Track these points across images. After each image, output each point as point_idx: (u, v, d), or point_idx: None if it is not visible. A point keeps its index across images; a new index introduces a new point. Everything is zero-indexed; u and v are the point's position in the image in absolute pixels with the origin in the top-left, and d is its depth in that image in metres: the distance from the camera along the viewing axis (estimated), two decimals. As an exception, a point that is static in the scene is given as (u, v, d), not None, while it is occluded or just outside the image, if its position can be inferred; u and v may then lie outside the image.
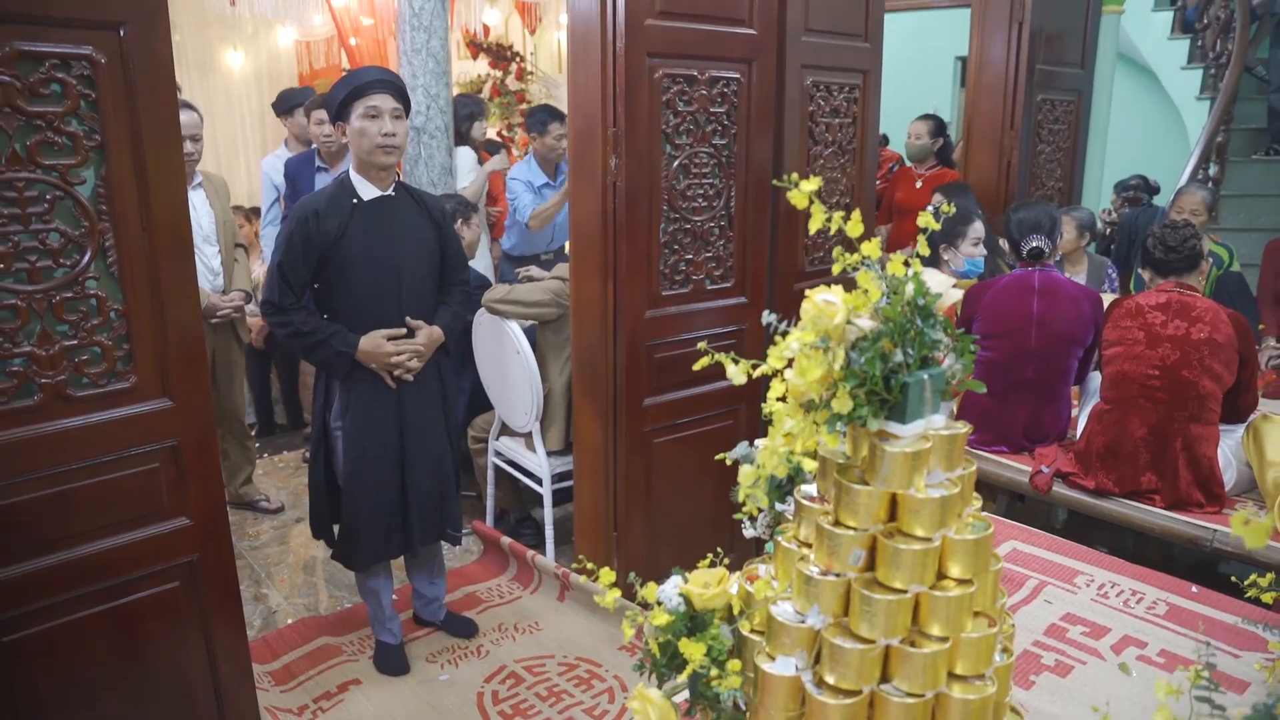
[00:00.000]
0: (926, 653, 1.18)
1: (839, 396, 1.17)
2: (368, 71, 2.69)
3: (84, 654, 2.05)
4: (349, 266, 2.65)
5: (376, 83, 2.63)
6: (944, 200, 4.11)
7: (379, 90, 2.62)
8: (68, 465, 1.94)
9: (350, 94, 2.62)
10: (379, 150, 2.61)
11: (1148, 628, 2.01)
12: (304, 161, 4.49)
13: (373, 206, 2.68)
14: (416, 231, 2.75)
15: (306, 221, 2.60)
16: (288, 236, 2.62)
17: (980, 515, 1.28)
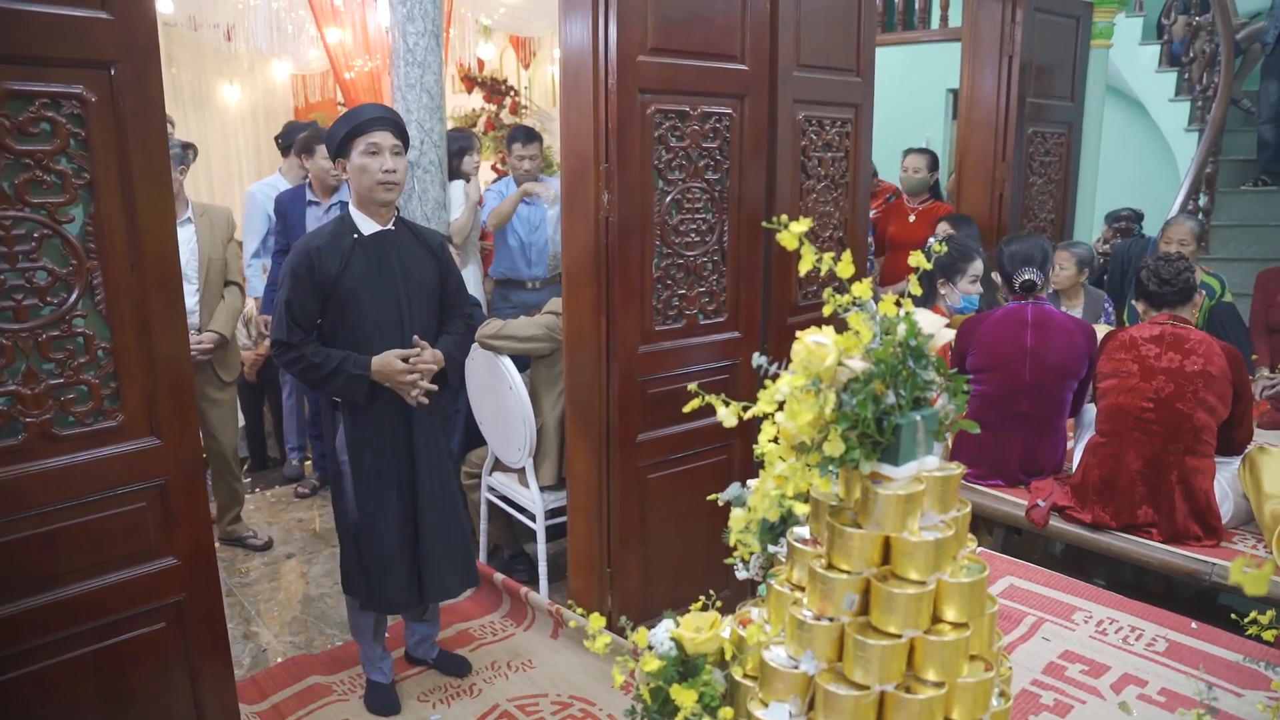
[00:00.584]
0: (922, 699, 1.15)
1: (831, 439, 1.16)
2: (368, 109, 2.69)
3: (69, 697, 2.01)
4: (351, 301, 2.65)
5: (377, 120, 2.63)
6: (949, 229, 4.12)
7: (379, 127, 2.62)
8: (53, 505, 1.92)
9: (351, 131, 2.62)
10: (380, 187, 2.62)
11: (1147, 665, 1.99)
12: (295, 196, 4.50)
13: (373, 241, 2.68)
14: (417, 265, 2.75)
15: (309, 257, 2.60)
16: (292, 274, 2.61)
17: (975, 557, 1.26)
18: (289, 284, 2.62)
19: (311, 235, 2.73)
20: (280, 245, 4.49)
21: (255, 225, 4.62)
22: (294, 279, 2.61)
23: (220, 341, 3.83)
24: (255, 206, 4.62)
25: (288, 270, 2.63)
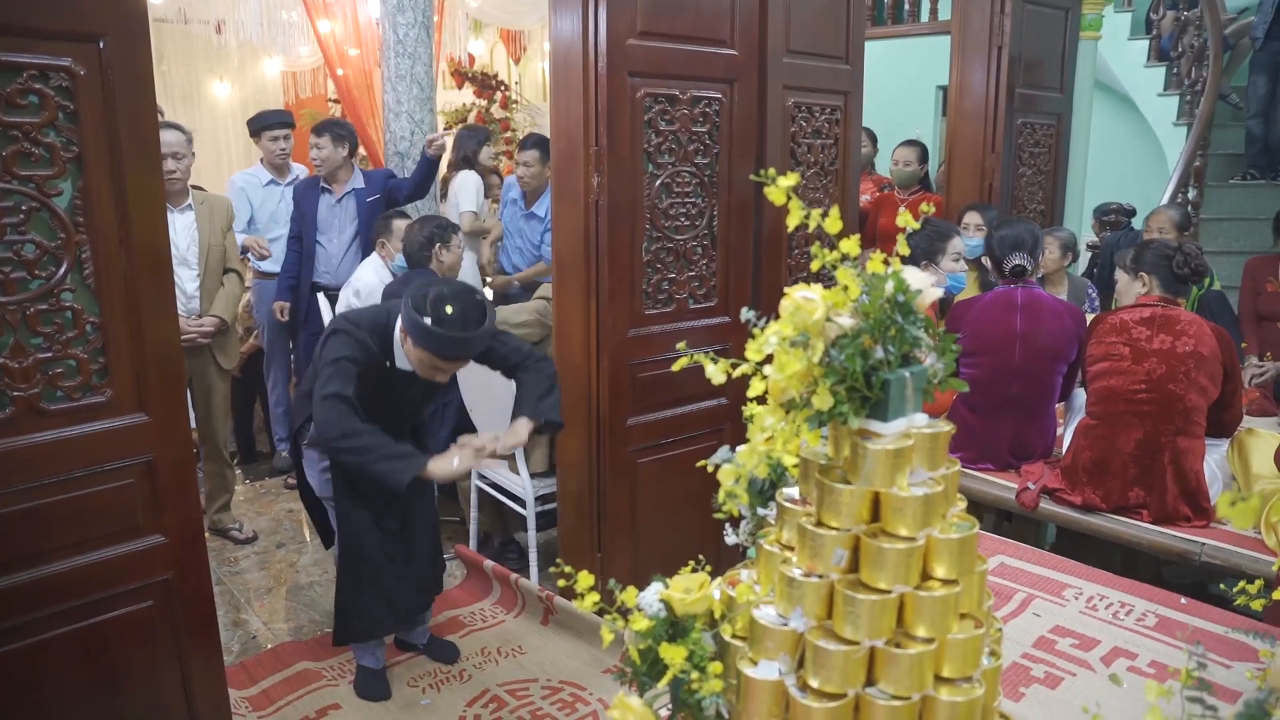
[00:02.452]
0: (912, 654, 1.15)
1: (819, 393, 1.16)
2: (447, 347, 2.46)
3: (55, 674, 2.00)
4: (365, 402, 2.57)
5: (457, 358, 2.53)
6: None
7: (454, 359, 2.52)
8: (40, 480, 1.91)
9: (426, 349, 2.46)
10: (434, 371, 2.56)
11: (1137, 639, 1.99)
12: (310, 183, 4.52)
13: (403, 375, 2.65)
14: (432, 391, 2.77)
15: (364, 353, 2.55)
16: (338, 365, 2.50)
17: (965, 515, 1.26)
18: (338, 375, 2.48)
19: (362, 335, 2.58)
20: (294, 232, 4.52)
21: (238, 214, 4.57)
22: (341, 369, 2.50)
23: (221, 326, 3.85)
24: (236, 195, 4.63)
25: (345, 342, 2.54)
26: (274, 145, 4.68)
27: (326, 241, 4.50)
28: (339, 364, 2.50)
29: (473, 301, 2.49)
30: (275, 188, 4.73)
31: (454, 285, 2.53)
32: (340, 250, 4.50)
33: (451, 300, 2.44)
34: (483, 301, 2.53)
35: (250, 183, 4.72)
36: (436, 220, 3.92)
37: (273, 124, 4.72)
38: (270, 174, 4.76)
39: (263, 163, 4.77)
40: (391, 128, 4.80)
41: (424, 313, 2.41)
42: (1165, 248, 2.87)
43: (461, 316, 2.43)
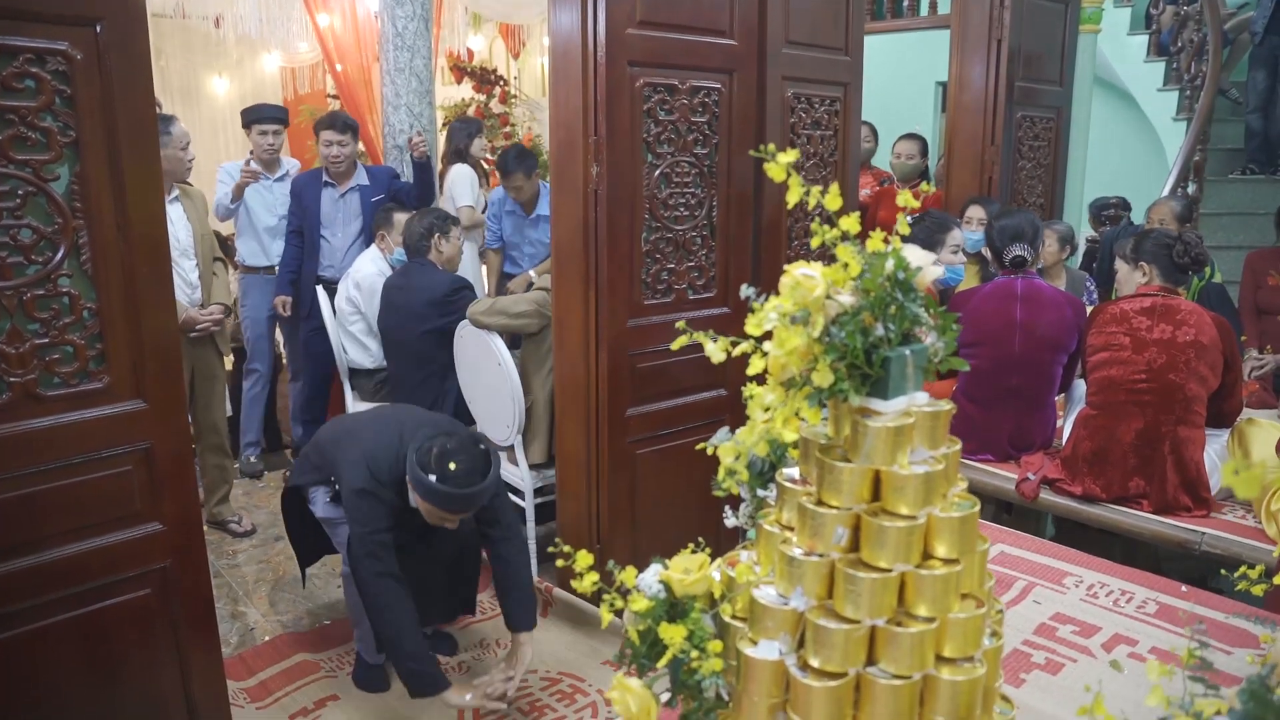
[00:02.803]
0: (913, 632, 1.15)
1: (820, 370, 1.15)
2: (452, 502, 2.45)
3: (52, 664, 1.99)
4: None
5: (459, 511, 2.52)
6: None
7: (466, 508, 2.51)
8: (37, 466, 1.90)
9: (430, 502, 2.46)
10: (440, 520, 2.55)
11: (1138, 626, 1.99)
12: (312, 178, 4.52)
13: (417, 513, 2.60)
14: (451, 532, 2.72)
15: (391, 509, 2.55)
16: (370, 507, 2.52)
17: (966, 495, 1.25)
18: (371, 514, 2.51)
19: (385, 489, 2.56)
20: (294, 226, 4.51)
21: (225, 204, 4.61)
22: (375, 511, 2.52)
23: (226, 313, 3.88)
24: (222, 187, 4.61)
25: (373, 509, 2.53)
26: (263, 140, 4.59)
27: (331, 236, 4.50)
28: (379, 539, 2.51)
29: (477, 454, 2.46)
30: (265, 181, 4.65)
31: (459, 436, 2.49)
32: (345, 244, 4.50)
33: (456, 455, 2.42)
34: (488, 452, 2.49)
35: (238, 174, 4.59)
36: (436, 212, 3.93)
37: (266, 118, 4.63)
38: (329, 177, 4.57)
39: (252, 155, 4.69)
40: (390, 121, 4.79)
41: (428, 470, 2.40)
42: (1165, 237, 2.87)
43: (466, 472, 2.41)
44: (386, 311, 3.82)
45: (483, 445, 2.51)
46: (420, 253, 3.72)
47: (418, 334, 3.69)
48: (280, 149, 4.71)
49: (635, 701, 1.27)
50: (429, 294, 3.65)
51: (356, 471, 2.56)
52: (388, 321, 3.82)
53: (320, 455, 2.82)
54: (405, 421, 2.70)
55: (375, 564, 2.50)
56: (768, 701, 1.20)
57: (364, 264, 4.21)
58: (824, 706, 1.15)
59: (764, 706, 1.21)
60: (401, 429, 2.65)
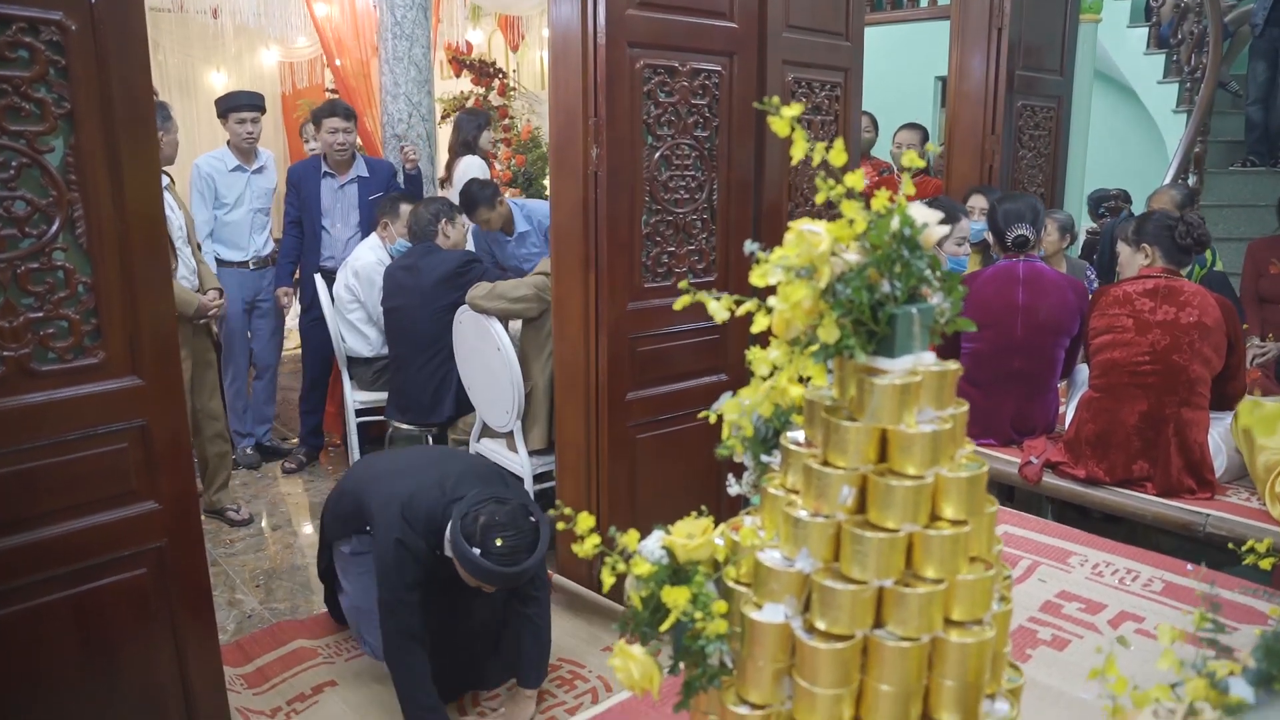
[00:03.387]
0: (921, 593, 1.12)
1: (825, 325, 1.13)
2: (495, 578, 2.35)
3: (46, 643, 1.97)
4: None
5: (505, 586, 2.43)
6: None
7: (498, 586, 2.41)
8: (31, 443, 1.88)
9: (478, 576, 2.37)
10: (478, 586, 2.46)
11: (1145, 603, 1.97)
12: (310, 168, 4.49)
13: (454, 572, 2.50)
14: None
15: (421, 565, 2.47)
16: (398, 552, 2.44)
17: (974, 457, 1.23)
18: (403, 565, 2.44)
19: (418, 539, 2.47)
20: (293, 216, 4.48)
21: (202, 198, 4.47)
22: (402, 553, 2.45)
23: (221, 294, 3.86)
24: (199, 179, 4.50)
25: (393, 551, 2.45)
26: (240, 128, 4.43)
27: (331, 226, 4.48)
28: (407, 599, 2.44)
29: (526, 527, 2.37)
30: (241, 174, 4.52)
31: (509, 507, 2.37)
32: (346, 235, 4.49)
33: (504, 530, 2.32)
34: (537, 524, 2.40)
35: (215, 167, 4.51)
36: (443, 200, 3.94)
37: (241, 105, 4.47)
38: (236, 158, 4.52)
39: (229, 145, 4.55)
40: (389, 110, 4.77)
41: (473, 541, 2.31)
42: (1167, 218, 2.85)
43: (512, 549, 2.31)
44: (392, 294, 3.80)
45: (533, 516, 2.40)
46: (428, 236, 3.72)
47: (429, 314, 3.67)
48: (258, 138, 4.56)
49: (638, 668, 1.25)
50: (440, 271, 3.63)
51: (392, 520, 2.46)
52: (394, 304, 3.80)
53: (351, 502, 2.73)
54: (448, 471, 2.58)
55: (399, 623, 2.44)
56: (773, 666, 1.18)
57: (363, 252, 4.20)
58: (830, 669, 1.13)
59: (769, 671, 1.18)
60: (443, 479, 2.54)
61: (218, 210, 4.48)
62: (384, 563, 2.48)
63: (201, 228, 4.37)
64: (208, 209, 4.45)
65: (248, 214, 4.53)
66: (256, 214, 4.55)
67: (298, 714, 2.69)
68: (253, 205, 4.54)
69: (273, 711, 2.69)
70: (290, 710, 2.70)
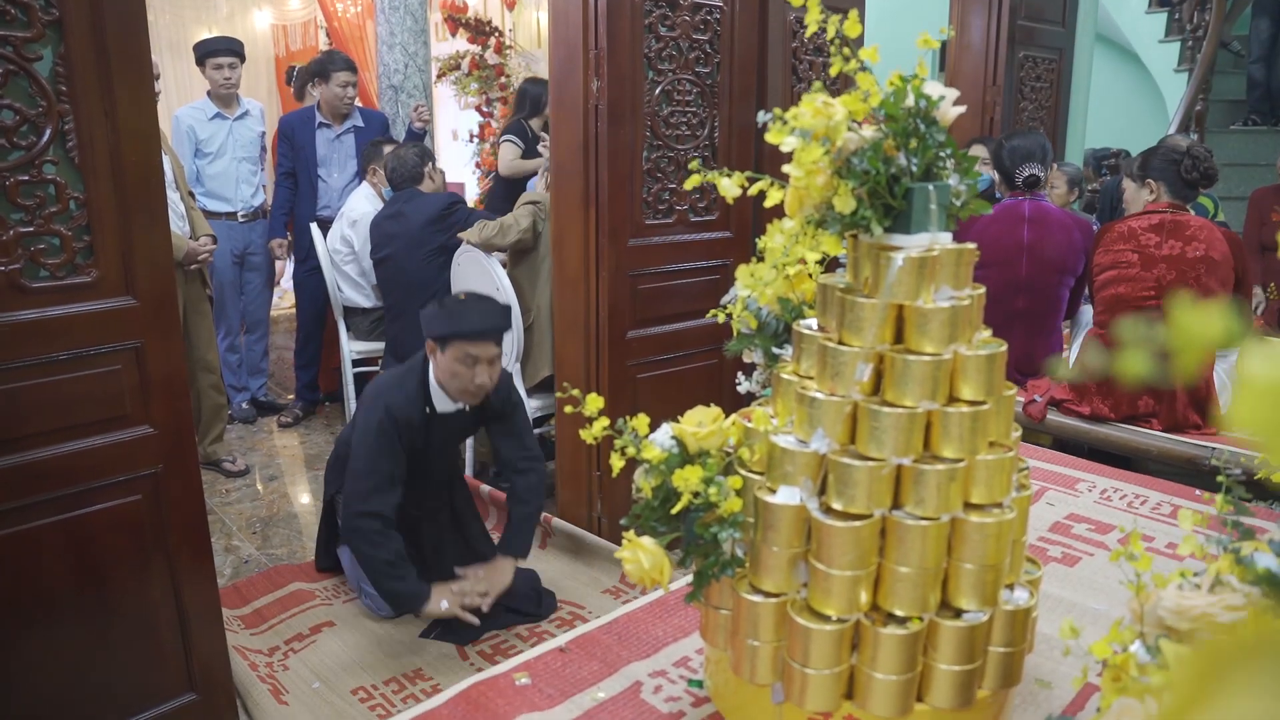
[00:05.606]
0: (940, 469, 1.10)
1: (841, 194, 1.10)
2: (472, 314, 2.48)
3: (39, 568, 1.93)
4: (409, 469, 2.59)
5: (482, 332, 2.48)
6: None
7: (481, 339, 2.47)
8: (20, 361, 1.83)
9: (453, 335, 2.46)
10: (466, 393, 2.53)
11: (1154, 524, 1.94)
12: (304, 118, 4.42)
13: (444, 419, 2.62)
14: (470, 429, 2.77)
15: (397, 426, 2.51)
16: (379, 433, 2.49)
17: (993, 339, 1.20)
18: (382, 445, 2.49)
19: (395, 398, 2.55)
20: (286, 168, 4.43)
21: (182, 150, 4.39)
22: (386, 440, 2.49)
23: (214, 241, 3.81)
24: (179, 131, 4.42)
25: (375, 431, 2.50)
26: (218, 74, 4.33)
27: (328, 175, 4.43)
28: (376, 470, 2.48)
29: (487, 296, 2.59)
30: (223, 121, 4.45)
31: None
32: (343, 184, 4.44)
33: (465, 295, 2.55)
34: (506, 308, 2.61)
35: (196, 117, 4.43)
36: (420, 146, 3.90)
37: (219, 50, 4.38)
38: (216, 106, 4.43)
39: (209, 95, 4.47)
40: (385, 60, 4.71)
41: (442, 307, 2.48)
42: (1173, 152, 2.81)
43: (477, 298, 2.53)
44: (381, 245, 3.76)
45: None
46: (413, 180, 3.67)
47: (419, 258, 3.64)
48: (237, 84, 4.46)
49: (648, 558, 1.22)
50: (425, 215, 3.61)
51: (373, 406, 2.55)
52: (383, 254, 3.76)
53: (345, 446, 2.77)
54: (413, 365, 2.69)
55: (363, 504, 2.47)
56: (788, 552, 1.15)
57: (358, 202, 4.15)
58: (848, 549, 1.10)
59: (785, 557, 1.16)
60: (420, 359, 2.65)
61: (200, 160, 4.41)
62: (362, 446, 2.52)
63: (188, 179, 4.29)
64: (191, 159, 4.38)
65: (232, 163, 4.45)
66: (242, 163, 4.47)
67: (295, 653, 2.66)
68: (236, 154, 4.46)
69: (270, 650, 2.67)
70: (288, 649, 2.68)
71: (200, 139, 4.40)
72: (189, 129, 4.40)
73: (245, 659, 2.58)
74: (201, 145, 4.40)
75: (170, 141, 4.24)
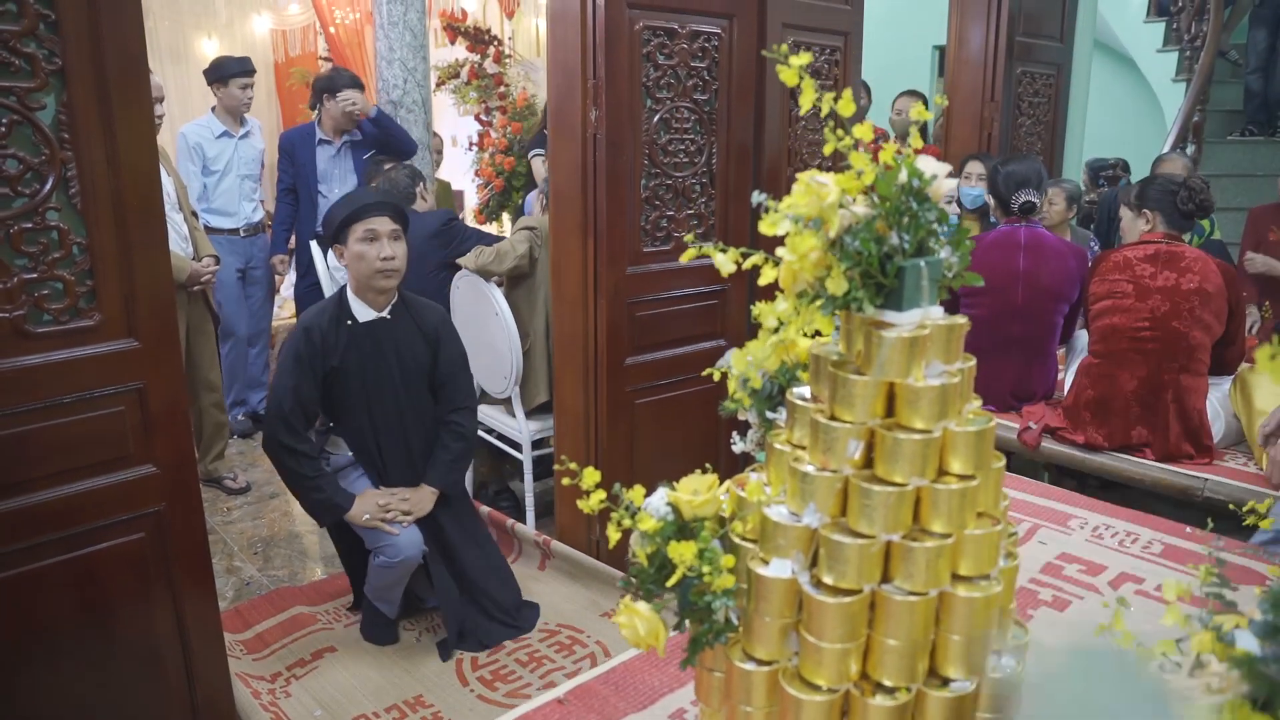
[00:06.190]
0: (929, 546, 1.12)
1: (834, 277, 1.12)
2: (364, 194, 2.61)
3: (43, 608, 1.96)
4: (345, 387, 2.64)
5: (374, 205, 2.56)
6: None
7: (377, 213, 2.56)
8: (27, 405, 1.85)
9: (348, 218, 2.55)
10: (378, 275, 2.57)
11: (1145, 565, 1.97)
12: (304, 134, 4.46)
13: (368, 329, 2.65)
14: (411, 352, 2.72)
15: (310, 342, 2.58)
16: (295, 358, 2.57)
17: (981, 411, 1.22)
18: (294, 369, 2.57)
19: (312, 316, 2.65)
20: (286, 184, 4.47)
21: (188, 168, 4.45)
22: (298, 363, 2.57)
23: (217, 261, 3.84)
24: (187, 148, 4.48)
25: (292, 353, 2.58)
26: (244, 93, 4.52)
27: (328, 191, 4.46)
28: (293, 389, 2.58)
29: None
30: (229, 139, 4.56)
31: None
32: None
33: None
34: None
35: (203, 135, 4.52)
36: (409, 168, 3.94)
37: (247, 70, 4.55)
38: (224, 124, 4.55)
39: (214, 112, 4.57)
40: (384, 75, 4.72)
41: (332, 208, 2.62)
42: (1170, 183, 2.83)
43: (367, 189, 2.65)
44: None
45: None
46: (407, 201, 3.69)
47: (422, 274, 3.67)
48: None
49: (643, 625, 1.24)
50: (425, 230, 3.64)
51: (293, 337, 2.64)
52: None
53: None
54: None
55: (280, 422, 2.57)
56: (780, 622, 1.18)
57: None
58: (838, 624, 1.13)
59: (776, 627, 1.18)
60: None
61: (207, 179, 4.49)
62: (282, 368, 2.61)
63: (193, 196, 4.33)
64: (199, 177, 4.43)
65: (237, 180, 4.54)
66: (245, 180, 4.55)
67: (297, 679, 2.69)
68: (241, 171, 4.56)
69: (273, 677, 2.70)
70: (290, 675, 2.70)
71: (208, 157, 4.48)
72: (196, 146, 4.47)
73: (248, 686, 2.60)
74: (209, 163, 4.48)
75: (175, 159, 4.28)
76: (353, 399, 2.66)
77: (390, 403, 2.70)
